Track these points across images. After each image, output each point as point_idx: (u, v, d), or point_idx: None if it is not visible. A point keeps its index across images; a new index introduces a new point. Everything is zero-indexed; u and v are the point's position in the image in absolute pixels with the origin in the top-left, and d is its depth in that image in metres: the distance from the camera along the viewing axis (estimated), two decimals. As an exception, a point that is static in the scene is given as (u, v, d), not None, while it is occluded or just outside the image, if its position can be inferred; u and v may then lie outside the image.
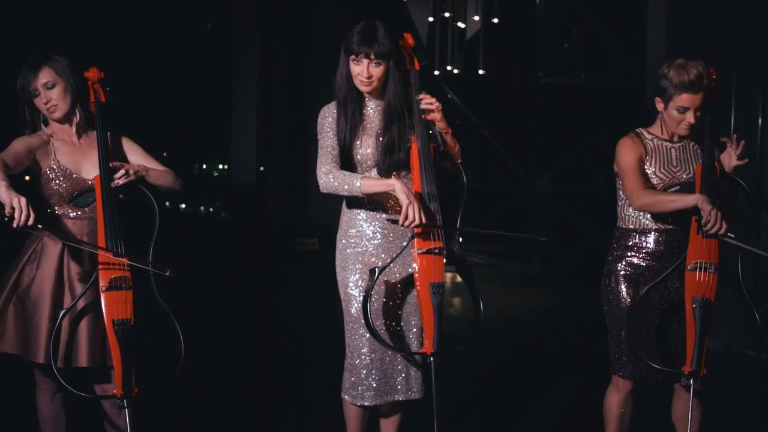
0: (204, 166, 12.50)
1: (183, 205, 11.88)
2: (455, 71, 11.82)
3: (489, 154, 11.77)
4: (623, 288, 3.56)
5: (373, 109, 3.49)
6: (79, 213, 3.43)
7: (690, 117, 3.46)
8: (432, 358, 3.30)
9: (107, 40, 8.54)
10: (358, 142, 3.45)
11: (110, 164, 3.39)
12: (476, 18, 11.62)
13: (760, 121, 6.25)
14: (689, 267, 3.38)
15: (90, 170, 3.45)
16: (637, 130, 3.62)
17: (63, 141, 3.48)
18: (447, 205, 3.42)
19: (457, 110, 11.38)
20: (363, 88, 3.42)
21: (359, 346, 3.47)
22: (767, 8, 6.22)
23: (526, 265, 11.22)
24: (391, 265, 3.45)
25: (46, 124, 3.49)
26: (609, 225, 3.80)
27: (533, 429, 4.60)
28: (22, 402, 3.75)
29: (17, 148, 3.35)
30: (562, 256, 10.91)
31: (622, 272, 3.57)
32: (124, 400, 3.24)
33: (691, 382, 3.34)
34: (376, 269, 3.34)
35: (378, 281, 3.43)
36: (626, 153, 3.54)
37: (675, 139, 3.58)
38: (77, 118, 3.49)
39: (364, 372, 3.46)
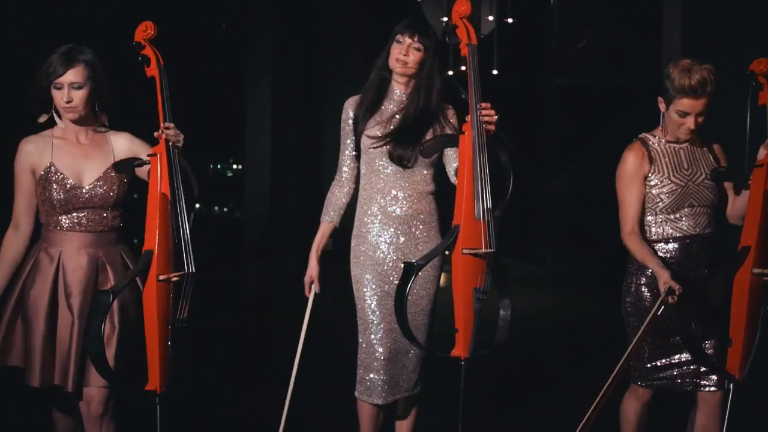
0: (218, 166, 12.52)
1: (197, 205, 11.90)
2: (469, 71, 11.78)
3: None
4: (650, 299, 3.40)
5: (396, 100, 3.51)
6: (75, 223, 3.31)
7: (690, 122, 3.35)
8: (464, 363, 3.26)
9: (120, 37, 8.54)
10: (372, 125, 3.47)
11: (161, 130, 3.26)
12: (490, 18, 11.58)
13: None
14: (755, 272, 3.25)
15: (90, 176, 3.33)
16: (641, 136, 3.51)
17: (66, 140, 3.35)
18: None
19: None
20: (397, 68, 3.49)
21: (373, 343, 3.47)
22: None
23: (539, 266, 11.17)
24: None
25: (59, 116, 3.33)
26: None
27: (546, 430, 4.59)
28: (28, 403, 3.74)
29: (23, 178, 3.28)
30: (575, 257, 10.85)
31: (647, 283, 3.43)
32: (157, 398, 3.20)
33: (731, 388, 3.27)
34: (415, 264, 3.23)
35: (393, 278, 3.41)
36: (626, 173, 3.46)
37: (681, 139, 3.48)
38: (90, 120, 3.37)
39: (377, 369, 3.47)
